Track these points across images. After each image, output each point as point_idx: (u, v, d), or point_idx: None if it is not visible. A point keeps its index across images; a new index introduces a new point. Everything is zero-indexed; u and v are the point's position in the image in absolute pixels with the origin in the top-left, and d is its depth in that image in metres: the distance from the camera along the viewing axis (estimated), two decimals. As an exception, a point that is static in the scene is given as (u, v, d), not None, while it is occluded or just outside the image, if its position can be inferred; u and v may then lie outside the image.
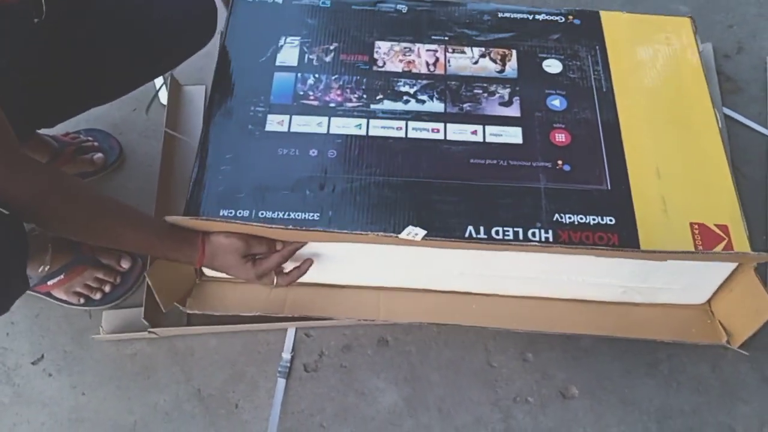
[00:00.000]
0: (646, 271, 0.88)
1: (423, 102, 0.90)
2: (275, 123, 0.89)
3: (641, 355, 0.99)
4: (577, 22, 1.04)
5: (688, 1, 1.42)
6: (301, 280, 0.90)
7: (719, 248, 0.83)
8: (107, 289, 1.00)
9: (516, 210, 0.84)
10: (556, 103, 0.93)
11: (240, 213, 0.83)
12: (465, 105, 0.91)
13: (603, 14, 1.05)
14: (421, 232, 0.77)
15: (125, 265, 1.02)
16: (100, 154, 1.13)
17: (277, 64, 0.94)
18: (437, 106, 0.91)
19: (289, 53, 0.95)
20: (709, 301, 0.95)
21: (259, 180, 0.85)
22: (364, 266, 0.92)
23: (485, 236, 0.81)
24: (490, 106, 0.91)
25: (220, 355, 0.99)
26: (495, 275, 0.91)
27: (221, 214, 0.83)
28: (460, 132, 0.88)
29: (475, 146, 0.88)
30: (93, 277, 0.99)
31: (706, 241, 0.83)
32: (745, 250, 0.83)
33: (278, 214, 0.83)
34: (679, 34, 1.04)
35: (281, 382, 0.97)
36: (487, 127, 0.89)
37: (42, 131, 1.06)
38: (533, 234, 0.81)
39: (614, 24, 1.04)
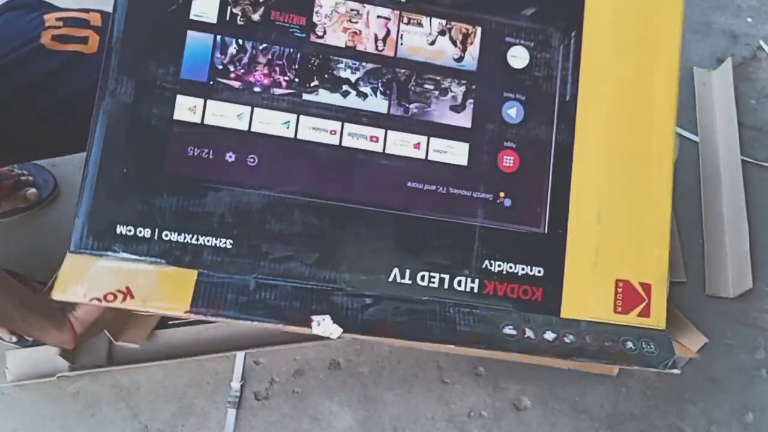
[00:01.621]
0: None
1: (365, 96, 0.79)
2: (185, 109, 0.74)
3: (590, 362, 1.01)
4: None
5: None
6: None
7: (636, 311, 0.80)
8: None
9: (447, 252, 0.78)
10: (512, 112, 0.81)
11: (141, 232, 0.72)
12: (412, 106, 0.80)
13: None
14: (337, 331, 0.72)
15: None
16: (33, 189, 1.09)
17: (192, 16, 0.76)
18: (380, 103, 0.80)
19: (207, 2, 0.78)
20: None
21: (164, 188, 0.74)
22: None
23: (410, 281, 0.76)
24: (440, 110, 0.81)
25: (167, 389, 0.96)
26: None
27: (118, 231, 0.71)
28: (401, 144, 0.80)
29: (416, 165, 0.80)
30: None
31: (627, 302, 0.79)
32: (660, 315, 0.80)
33: (185, 237, 0.72)
34: (666, 23, 0.83)
35: (231, 413, 0.94)
36: (431, 140, 0.80)
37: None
38: (459, 282, 0.77)
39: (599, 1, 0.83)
